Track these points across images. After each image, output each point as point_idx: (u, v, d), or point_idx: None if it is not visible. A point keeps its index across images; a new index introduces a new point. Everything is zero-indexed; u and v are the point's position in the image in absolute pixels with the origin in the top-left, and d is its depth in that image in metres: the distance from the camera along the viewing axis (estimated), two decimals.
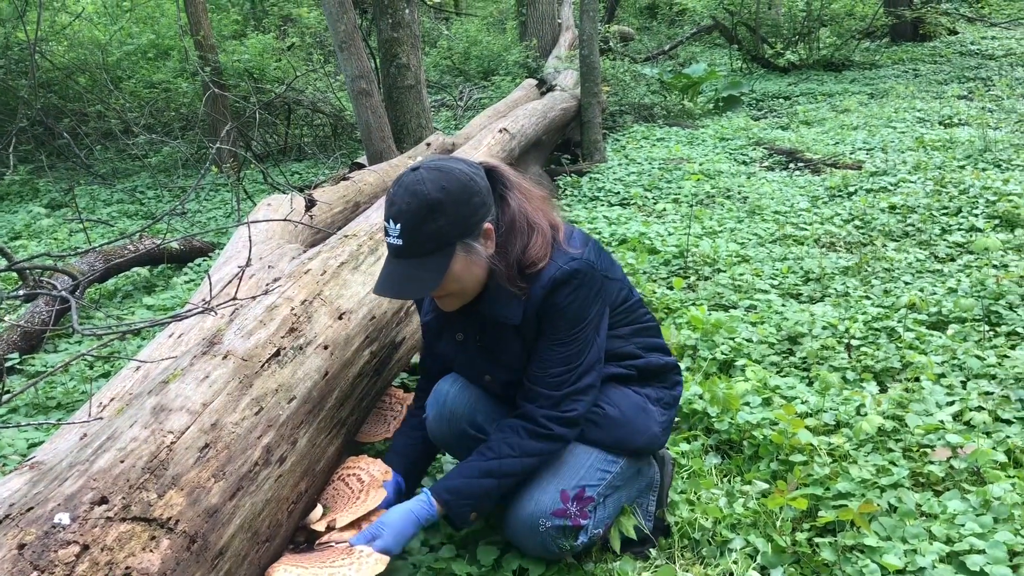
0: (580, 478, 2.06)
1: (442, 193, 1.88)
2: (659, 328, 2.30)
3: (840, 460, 2.54)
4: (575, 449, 2.09)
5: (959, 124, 7.70)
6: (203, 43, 8.68)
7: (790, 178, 6.44)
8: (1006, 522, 2.14)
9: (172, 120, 9.60)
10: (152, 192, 8.14)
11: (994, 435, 2.60)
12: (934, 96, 9.25)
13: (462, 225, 1.92)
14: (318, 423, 2.08)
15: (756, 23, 12.89)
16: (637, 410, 2.16)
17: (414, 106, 6.11)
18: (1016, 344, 3.24)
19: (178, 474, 1.64)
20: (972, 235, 4.53)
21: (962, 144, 6.57)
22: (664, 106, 9.63)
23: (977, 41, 12.55)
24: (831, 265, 4.26)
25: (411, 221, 1.88)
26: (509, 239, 1.99)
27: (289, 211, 3.67)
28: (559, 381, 2.03)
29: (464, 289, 2.00)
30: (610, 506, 2.14)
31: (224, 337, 2.06)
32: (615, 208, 5.88)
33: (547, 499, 2.01)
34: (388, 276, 1.95)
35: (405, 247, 1.90)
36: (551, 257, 1.99)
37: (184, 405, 1.78)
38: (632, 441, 2.13)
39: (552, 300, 1.99)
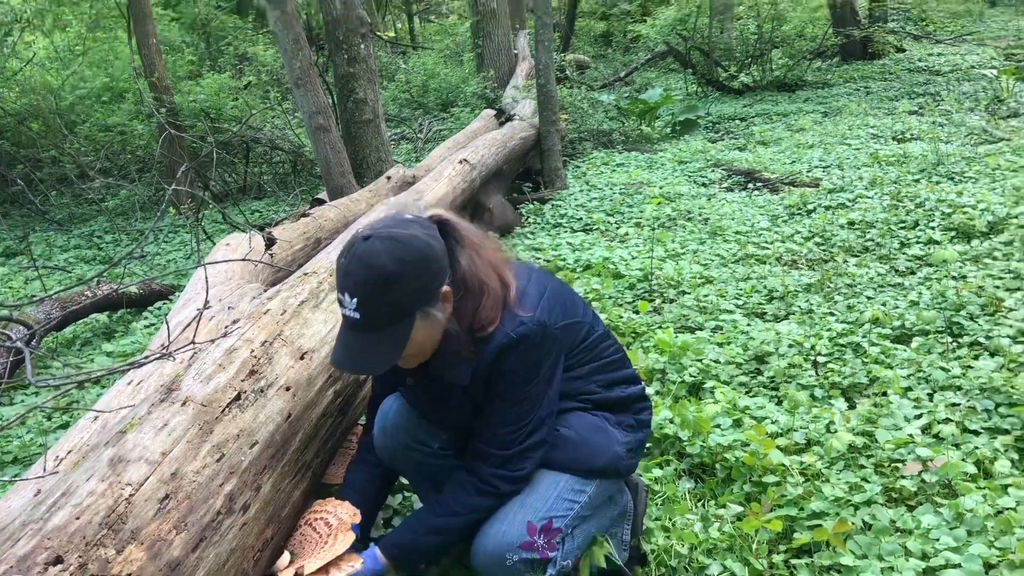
0: (547, 509, 2.01)
1: (399, 265, 1.81)
2: (624, 359, 2.24)
3: (813, 479, 2.54)
4: (542, 479, 2.05)
5: (912, 139, 7.84)
6: (158, 84, 8.62)
7: (749, 198, 6.50)
8: (979, 535, 2.15)
9: (128, 163, 9.49)
10: (110, 236, 8.02)
11: (963, 447, 2.62)
12: (886, 112, 9.42)
13: (421, 294, 1.86)
14: (282, 467, 2.02)
15: (709, 47, 13.08)
16: (594, 430, 2.11)
17: (373, 140, 6.09)
18: (979, 354, 3.27)
19: (138, 528, 1.58)
20: (930, 247, 4.59)
21: (916, 158, 6.68)
22: (622, 132, 9.70)
23: (924, 58, 12.83)
24: (794, 283, 4.29)
25: (368, 296, 1.81)
26: (462, 300, 1.93)
27: (248, 250, 3.62)
28: (508, 440, 1.98)
29: (421, 352, 1.96)
30: (579, 537, 2.10)
31: (182, 383, 2.01)
32: (578, 234, 5.89)
33: (513, 532, 1.97)
34: (346, 348, 1.88)
35: (363, 321, 1.83)
36: (501, 320, 1.93)
37: (143, 455, 1.73)
38: (592, 461, 2.08)
39: (500, 365, 1.93)
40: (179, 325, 2.89)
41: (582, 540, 2.12)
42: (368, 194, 5.15)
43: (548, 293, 2.03)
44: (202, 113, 9.00)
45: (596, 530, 2.17)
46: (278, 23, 5.38)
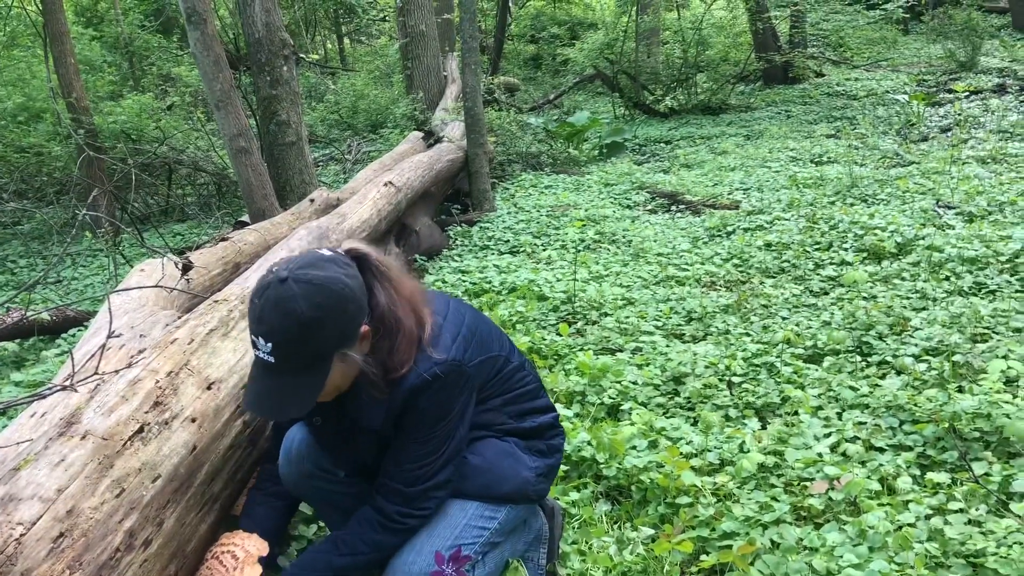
0: (455, 537, 2.00)
1: (317, 311, 1.75)
2: (537, 389, 2.24)
3: (725, 499, 2.58)
4: (450, 507, 2.04)
5: (829, 162, 8.08)
6: (76, 105, 8.40)
7: (672, 220, 6.62)
8: (880, 550, 2.21)
9: (45, 185, 9.23)
10: (24, 261, 7.77)
11: (868, 464, 2.69)
12: (805, 135, 9.70)
13: (339, 338, 1.81)
14: (187, 501, 1.98)
15: (636, 71, 13.33)
16: (502, 455, 2.11)
17: (296, 162, 6.04)
18: (886, 373, 3.38)
19: (28, 569, 1.53)
20: (843, 269, 4.73)
21: (831, 181, 6.89)
22: (551, 154, 9.79)
23: (842, 82, 13.27)
24: (712, 304, 4.37)
25: (284, 342, 1.75)
26: (379, 339, 1.90)
27: (162, 276, 3.54)
28: (414, 477, 1.97)
29: (338, 389, 1.93)
30: (490, 563, 2.09)
31: (83, 416, 1.95)
32: (505, 256, 5.92)
33: (421, 562, 1.96)
34: (260, 393, 1.83)
35: (277, 366, 1.77)
36: (414, 361, 1.91)
37: (36, 493, 1.67)
38: (499, 487, 2.07)
39: (411, 404, 1.92)
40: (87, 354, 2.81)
41: (494, 566, 2.11)
42: (290, 217, 5.10)
43: (464, 329, 2.03)
44: (122, 134, 8.81)
45: (509, 556, 2.17)
46: (197, 44, 5.31)
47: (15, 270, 7.55)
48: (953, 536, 2.22)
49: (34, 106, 9.83)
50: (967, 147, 7.78)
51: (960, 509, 2.37)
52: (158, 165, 8.95)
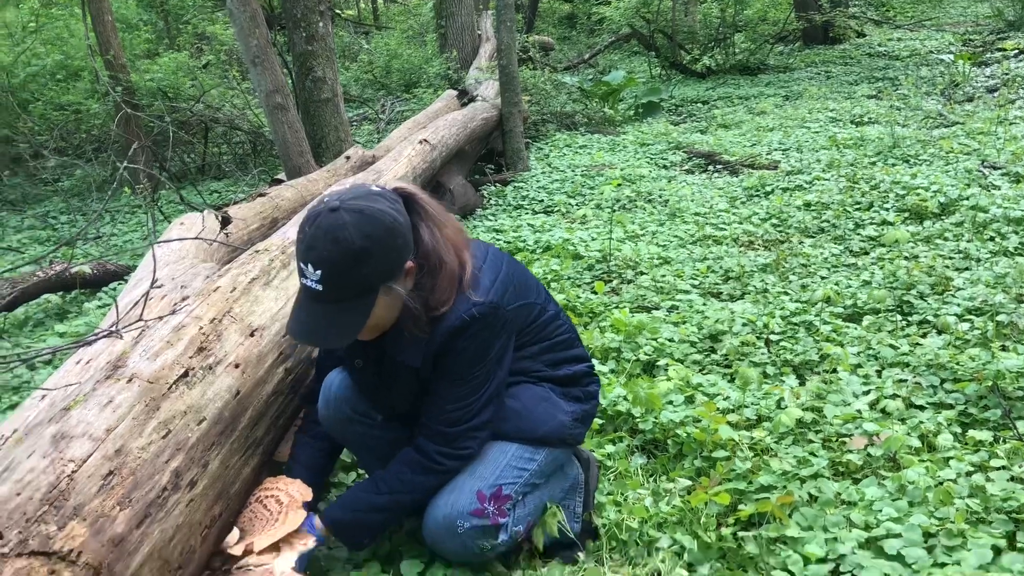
0: (497, 477, 2.03)
1: (367, 241, 1.78)
2: (574, 339, 2.26)
3: (761, 454, 2.57)
4: (490, 448, 2.07)
5: (869, 122, 7.93)
6: (113, 63, 8.45)
7: (709, 180, 6.55)
8: (920, 505, 2.19)
9: (83, 142, 9.32)
10: (65, 217, 7.89)
11: (908, 421, 2.67)
12: (845, 96, 9.51)
13: (386, 271, 1.84)
14: (231, 444, 2.01)
15: (673, 30, 13.12)
16: (539, 399, 2.14)
17: (332, 119, 6.04)
18: (927, 332, 3.34)
19: (80, 504, 1.57)
20: (883, 228, 4.65)
21: (872, 141, 6.76)
22: (585, 114, 9.71)
23: (884, 43, 12.97)
24: (750, 263, 4.33)
25: (333, 270, 1.78)
26: (422, 277, 1.93)
27: (202, 229, 3.58)
28: (455, 418, 1.99)
29: (379, 326, 1.96)
30: (530, 504, 2.12)
31: (129, 360, 1.99)
32: (539, 216, 5.90)
33: (463, 500, 1.99)
34: (304, 320, 1.86)
35: (324, 293, 1.81)
36: (454, 302, 1.93)
37: (86, 432, 1.71)
38: (535, 429, 2.10)
39: (450, 345, 1.94)
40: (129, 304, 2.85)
41: (533, 508, 2.13)
42: (326, 174, 5.11)
43: (502, 275, 2.04)
44: (159, 92, 8.85)
45: (547, 500, 2.19)
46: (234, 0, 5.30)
47: (56, 226, 7.66)
48: (995, 492, 2.20)
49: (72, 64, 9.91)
50: (1014, 107, 7.59)
51: (1002, 466, 2.35)
52: (194, 123, 8.99)
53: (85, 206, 8.12)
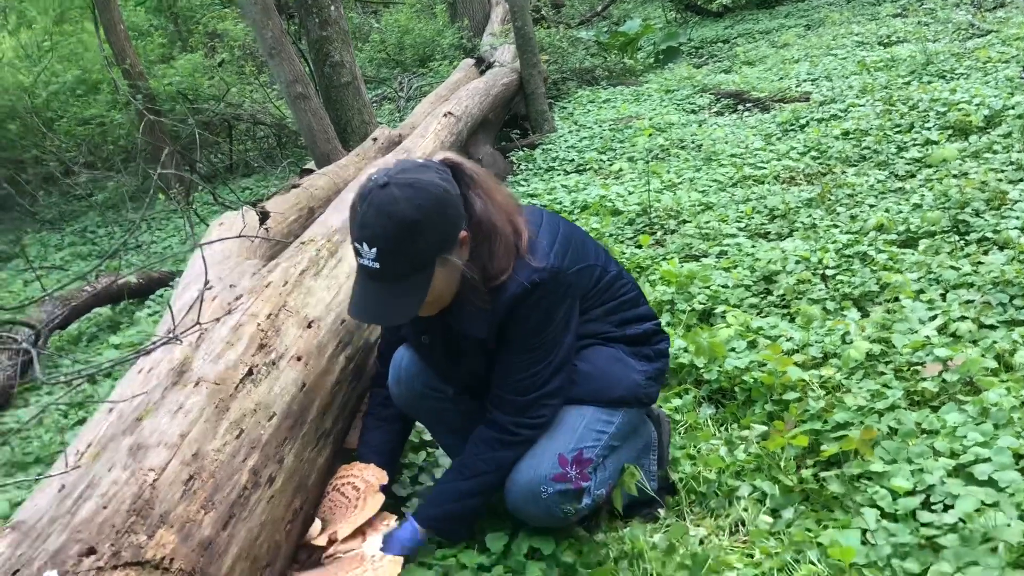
0: (577, 440, 2.01)
1: (419, 213, 1.77)
2: (639, 297, 2.23)
3: (833, 392, 2.53)
4: (567, 412, 2.05)
5: (898, 42, 7.71)
6: (131, 71, 8.50)
7: (740, 120, 6.42)
8: (1006, 427, 2.14)
9: (112, 154, 9.40)
10: (103, 230, 7.98)
11: (981, 343, 2.60)
12: (869, 18, 9.27)
13: (441, 242, 1.83)
14: (303, 437, 2.02)
15: None
16: (611, 361, 2.11)
17: (354, 102, 6.00)
18: (988, 249, 3.24)
19: (166, 511, 1.58)
20: (928, 148, 4.53)
21: (904, 61, 6.58)
22: (605, 67, 9.56)
23: None
24: (794, 199, 4.24)
25: (388, 245, 1.77)
26: (477, 246, 1.91)
27: (243, 227, 3.57)
28: (525, 386, 1.97)
29: (440, 300, 1.94)
30: (610, 467, 2.10)
31: (193, 364, 1.99)
32: (571, 176, 5.83)
33: (545, 465, 1.96)
34: (365, 300, 1.86)
35: (383, 271, 1.80)
36: (513, 269, 1.90)
37: (161, 440, 1.72)
38: (610, 391, 2.07)
39: (514, 314, 1.92)
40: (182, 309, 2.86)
41: (613, 470, 2.11)
42: (356, 158, 5.09)
43: (560, 238, 2.01)
44: (179, 95, 8.88)
45: (625, 461, 2.16)
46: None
47: (95, 240, 7.76)
48: None
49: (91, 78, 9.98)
50: None
51: None
52: (217, 123, 9.02)
53: (121, 217, 8.20)
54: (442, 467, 2.51)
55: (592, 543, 2.12)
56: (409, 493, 2.44)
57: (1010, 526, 1.79)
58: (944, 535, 1.84)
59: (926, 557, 1.81)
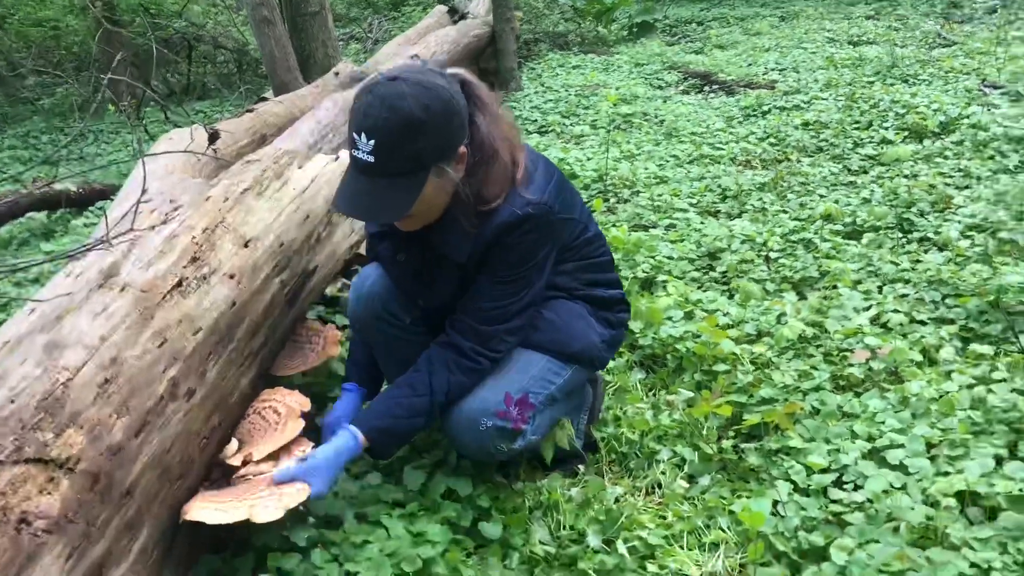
0: (525, 384, 2.01)
1: (425, 113, 1.72)
2: (610, 263, 2.22)
3: (763, 368, 2.56)
4: (523, 355, 2.04)
5: (867, 43, 7.78)
6: None
7: (705, 100, 6.44)
8: (923, 416, 2.19)
9: (63, 60, 9.07)
10: (47, 136, 7.72)
11: (910, 336, 2.66)
12: (843, 17, 9.33)
13: (440, 149, 1.79)
14: (228, 355, 1.98)
15: None
16: (575, 316, 2.11)
17: (319, 34, 5.86)
18: (928, 249, 3.31)
19: (76, 412, 1.53)
20: (883, 147, 4.59)
21: (871, 61, 6.65)
22: (578, 33, 9.50)
23: None
24: (748, 182, 4.27)
25: (388, 139, 1.73)
26: (474, 166, 1.87)
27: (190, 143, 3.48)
28: (492, 317, 1.96)
29: (428, 212, 1.90)
30: (546, 417, 2.09)
31: (122, 269, 1.94)
32: (533, 136, 5.80)
33: (492, 399, 1.96)
34: (354, 194, 1.80)
35: (377, 165, 1.75)
36: (506, 198, 1.88)
37: (80, 340, 1.67)
38: (569, 345, 2.07)
39: (501, 241, 1.89)
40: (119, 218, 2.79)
41: (549, 421, 2.12)
42: (315, 90, 4.98)
43: (555, 182, 2.00)
44: (140, 8, 8.58)
45: (560, 415, 2.17)
46: None
47: (38, 146, 7.50)
48: (996, 404, 2.19)
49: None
50: (1013, 28, 7.45)
51: (1003, 379, 2.34)
52: (177, 41, 8.75)
53: (67, 125, 7.93)
54: None
55: (509, 490, 2.13)
56: None
57: (914, 509, 1.84)
58: (851, 512, 1.89)
59: (831, 531, 1.86)
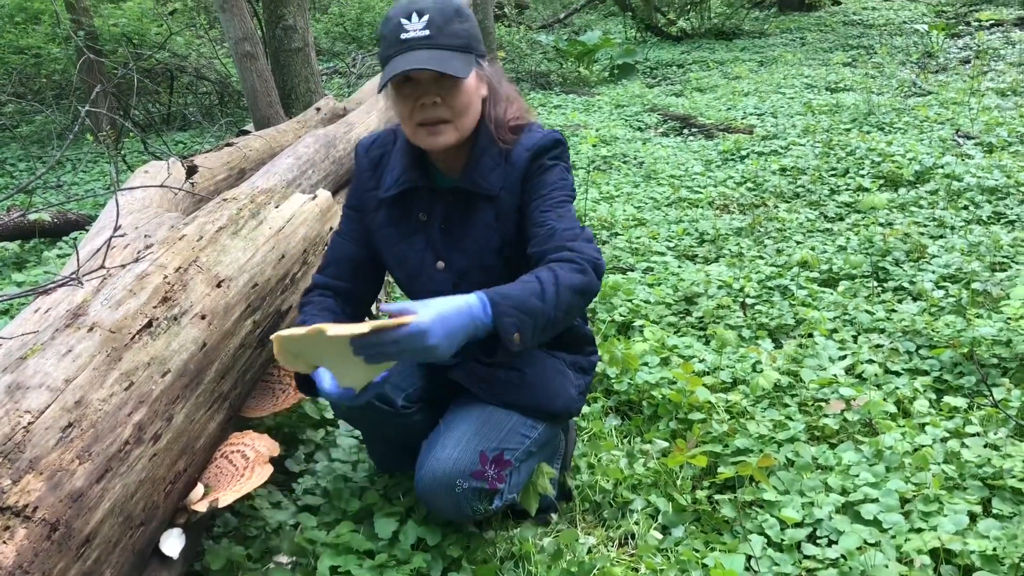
0: (501, 440, 1.96)
1: (463, 8, 1.86)
2: None
3: (738, 417, 2.55)
4: (495, 411, 1.99)
5: (845, 90, 7.91)
6: (75, 6, 8.16)
7: (684, 143, 6.50)
8: (897, 471, 2.18)
9: (44, 88, 9.02)
10: (24, 164, 7.65)
11: (884, 387, 2.66)
12: (820, 63, 9.49)
13: (478, 39, 1.88)
14: (196, 398, 1.94)
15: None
16: (554, 373, 2.08)
17: (302, 70, 5.88)
18: (903, 298, 3.33)
19: (36, 457, 1.49)
20: (859, 195, 4.64)
21: (848, 108, 6.75)
22: (560, 73, 9.60)
23: (859, 11, 12.94)
24: (725, 227, 4.30)
25: (440, 15, 1.80)
26: (489, 97, 1.94)
27: (167, 178, 3.46)
28: (572, 234, 1.84)
29: (465, 115, 1.88)
30: (524, 472, 2.05)
31: (90, 308, 1.90)
32: None
33: (467, 459, 1.90)
34: (414, 57, 1.78)
35: (431, 37, 1.79)
36: (526, 129, 1.94)
37: (44, 382, 1.63)
38: (551, 404, 2.04)
39: (539, 162, 1.92)
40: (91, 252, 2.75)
41: (526, 476, 2.07)
42: (296, 125, 4.99)
43: None
44: (123, 38, 8.58)
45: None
46: None
47: (14, 173, 7.43)
48: (970, 458, 2.19)
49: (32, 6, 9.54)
50: (987, 79, 7.61)
51: (977, 433, 2.34)
52: (159, 71, 8.74)
53: (45, 154, 7.87)
54: (340, 447, 2.46)
55: (480, 540, 2.09)
56: (302, 469, 2.38)
57: (887, 567, 1.83)
58: (825, 569, 1.87)
59: None
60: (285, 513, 2.18)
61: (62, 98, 8.95)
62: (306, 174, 3.94)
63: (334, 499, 2.21)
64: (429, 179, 2.02)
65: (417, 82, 1.84)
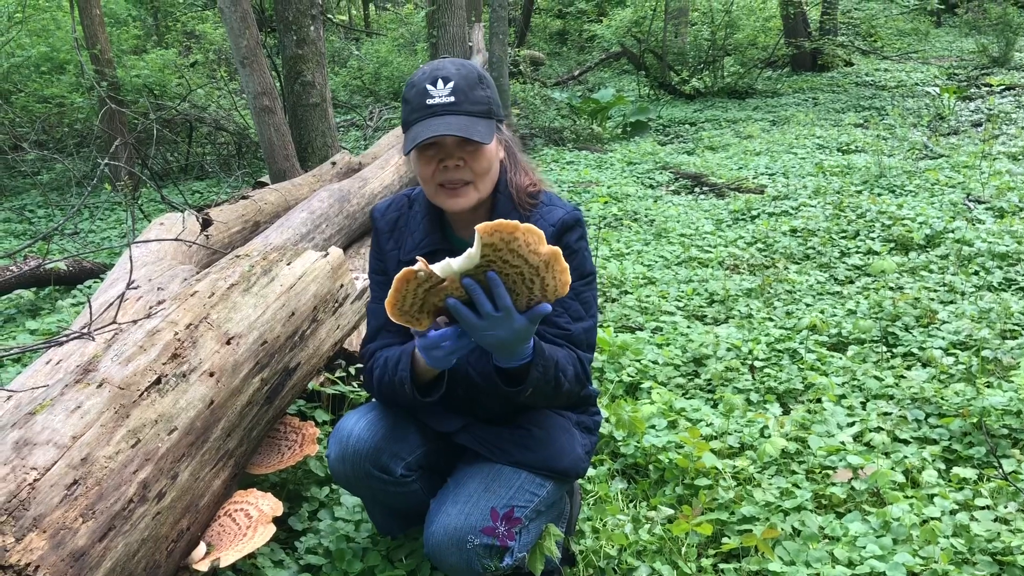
0: (511, 497, 1.95)
1: (484, 74, 1.96)
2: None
3: (744, 483, 2.53)
4: (503, 469, 2.00)
5: (856, 151, 7.96)
6: (100, 57, 8.35)
7: (695, 202, 6.54)
8: (905, 543, 2.16)
9: (66, 136, 9.20)
10: (42, 211, 7.76)
11: (892, 455, 2.64)
12: (832, 124, 9.57)
13: (498, 105, 1.96)
14: (202, 455, 1.94)
15: (663, 51, 13.17)
16: (561, 431, 2.08)
17: (319, 124, 5.98)
18: (912, 365, 3.31)
19: (41, 515, 1.50)
20: (869, 258, 4.65)
21: (859, 170, 6.78)
22: (573, 130, 9.71)
23: (871, 73, 13.08)
24: (735, 287, 4.31)
25: (464, 82, 1.88)
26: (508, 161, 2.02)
27: (182, 231, 3.51)
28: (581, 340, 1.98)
29: (485, 177, 1.94)
30: (533, 531, 2.03)
31: (100, 364, 1.91)
32: None
33: (477, 515, 1.90)
34: (441, 123, 1.85)
35: (456, 104, 1.87)
36: (545, 199, 2.01)
37: (51, 439, 1.64)
38: (558, 462, 2.04)
39: (564, 240, 1.96)
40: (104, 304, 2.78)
41: (535, 535, 2.06)
42: (311, 179, 5.05)
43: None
44: (145, 89, 8.75)
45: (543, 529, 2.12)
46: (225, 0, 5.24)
47: (33, 220, 7.54)
48: (980, 532, 2.17)
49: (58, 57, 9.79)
50: (998, 143, 7.65)
51: (987, 506, 2.32)
52: (179, 122, 8.90)
53: (64, 201, 7.99)
54: (344, 505, 2.44)
55: None
56: (305, 527, 2.37)
57: None
58: None
59: None
60: (287, 572, 2.17)
61: (83, 147, 9.12)
62: (320, 228, 3.98)
63: (336, 560, 2.19)
64: (449, 242, 2.05)
65: (441, 146, 1.90)
